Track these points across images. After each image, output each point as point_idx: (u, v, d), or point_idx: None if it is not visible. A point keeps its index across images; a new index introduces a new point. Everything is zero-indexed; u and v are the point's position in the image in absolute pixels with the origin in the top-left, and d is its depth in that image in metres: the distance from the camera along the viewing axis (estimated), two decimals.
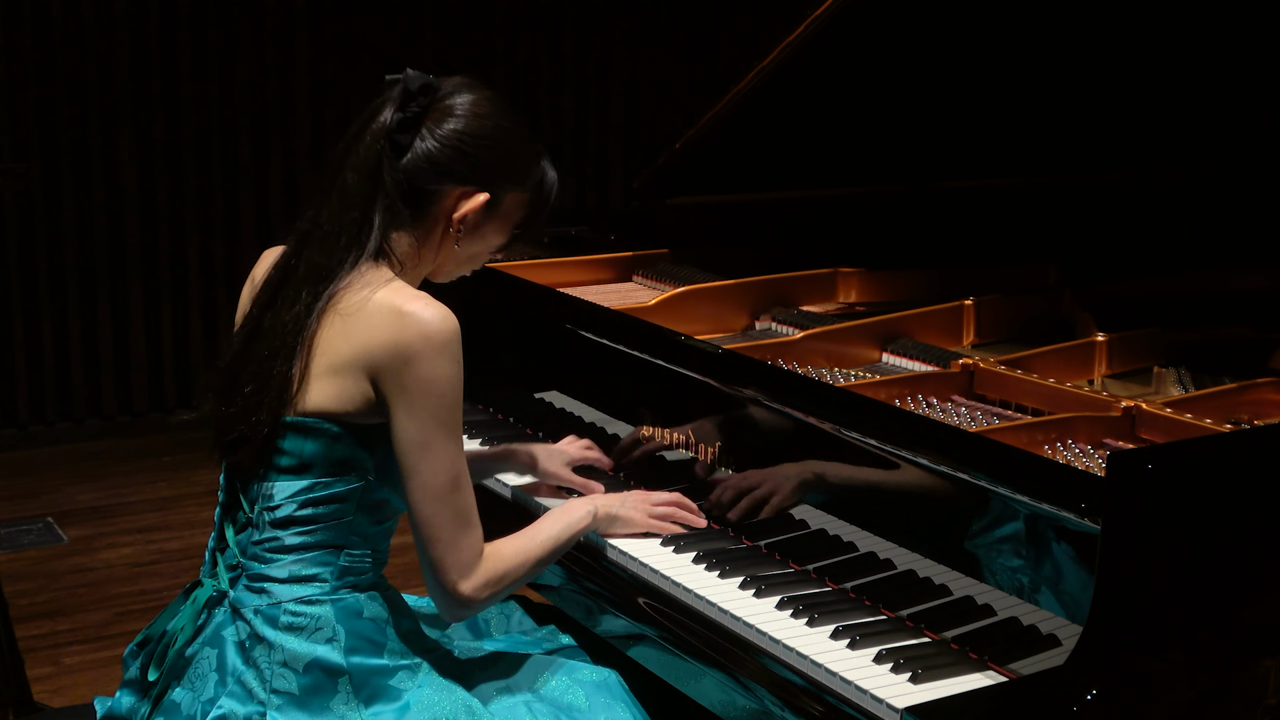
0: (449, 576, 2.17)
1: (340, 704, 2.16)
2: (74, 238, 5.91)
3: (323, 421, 2.18)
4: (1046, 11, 3.01)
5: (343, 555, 2.21)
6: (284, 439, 2.19)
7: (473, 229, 2.28)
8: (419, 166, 2.23)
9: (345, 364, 2.16)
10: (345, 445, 2.19)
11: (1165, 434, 2.35)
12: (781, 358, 2.74)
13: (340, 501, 2.20)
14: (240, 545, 2.25)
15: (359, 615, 2.21)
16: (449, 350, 2.14)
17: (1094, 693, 1.82)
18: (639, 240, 3.45)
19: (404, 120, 2.22)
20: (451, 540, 2.16)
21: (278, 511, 2.20)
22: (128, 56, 5.88)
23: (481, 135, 2.25)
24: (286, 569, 2.20)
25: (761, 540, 2.44)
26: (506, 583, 2.23)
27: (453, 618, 2.25)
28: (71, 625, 4.34)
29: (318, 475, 2.19)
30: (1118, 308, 2.98)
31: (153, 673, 2.25)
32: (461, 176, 2.25)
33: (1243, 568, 1.96)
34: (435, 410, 2.14)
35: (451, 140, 2.23)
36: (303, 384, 2.18)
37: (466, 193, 2.25)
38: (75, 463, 5.77)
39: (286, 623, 2.17)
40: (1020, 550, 2.03)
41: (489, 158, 2.26)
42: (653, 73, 6.92)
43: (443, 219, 2.26)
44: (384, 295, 2.17)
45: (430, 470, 2.14)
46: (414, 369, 2.13)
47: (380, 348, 2.14)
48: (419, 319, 2.13)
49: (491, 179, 2.27)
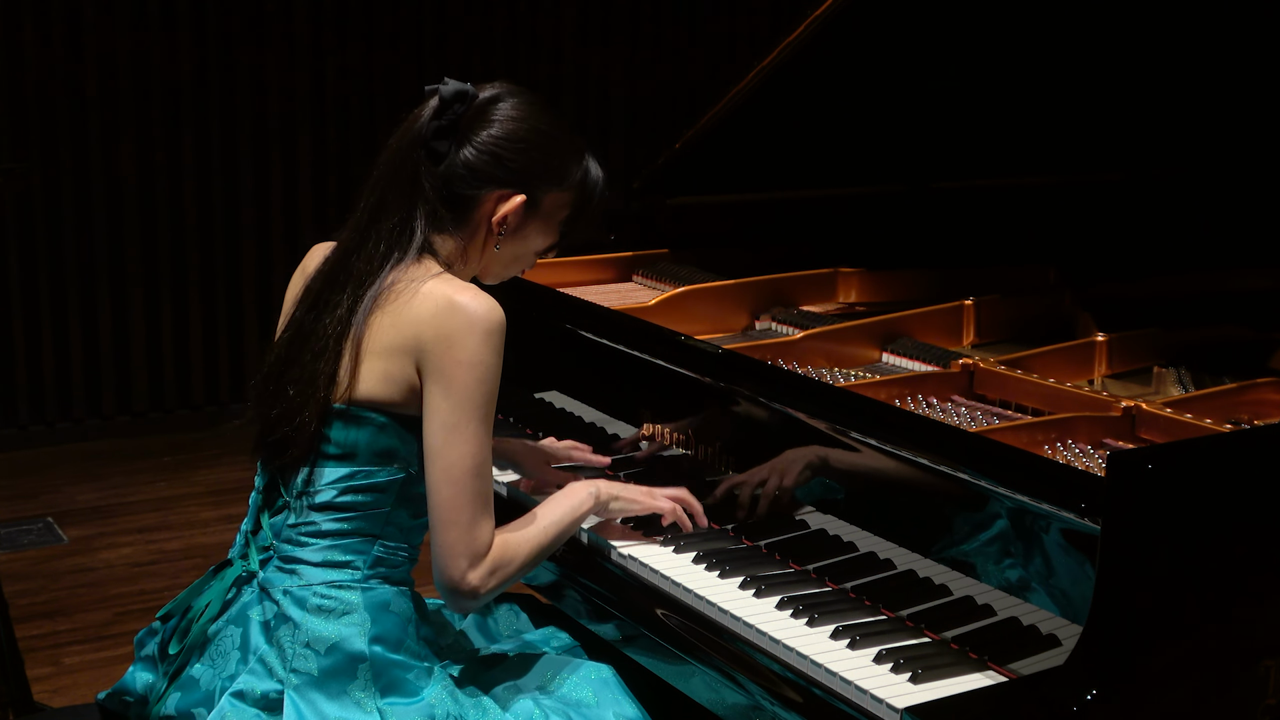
0: (459, 564, 2.17)
1: (358, 690, 2.18)
2: (74, 238, 5.91)
3: (370, 411, 2.20)
4: (1046, 12, 3.01)
5: (377, 545, 2.23)
6: (331, 427, 2.21)
7: (513, 231, 2.32)
8: (456, 173, 2.26)
9: (393, 346, 2.19)
10: (390, 435, 2.21)
11: (1165, 434, 2.35)
12: (781, 358, 2.74)
13: (380, 491, 2.22)
14: (275, 528, 2.27)
15: (386, 608, 2.22)
16: (492, 339, 2.17)
17: (1094, 693, 1.82)
18: (639, 240, 3.45)
19: (440, 128, 2.26)
20: (468, 526, 2.17)
21: (317, 497, 2.22)
22: (128, 56, 5.89)
23: (517, 139, 2.28)
24: (320, 553, 2.22)
25: (761, 540, 2.44)
26: (511, 570, 2.23)
27: (458, 608, 2.25)
28: (71, 625, 4.34)
29: (361, 464, 2.22)
30: (1118, 308, 2.98)
31: (174, 646, 2.27)
32: (499, 180, 2.27)
33: (1243, 568, 1.96)
34: (471, 394, 2.16)
35: (488, 146, 2.26)
36: (354, 372, 2.20)
37: (504, 195, 2.28)
38: (75, 463, 5.78)
39: (315, 604, 2.19)
40: (1020, 550, 2.03)
41: (525, 161, 2.28)
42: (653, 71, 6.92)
43: (483, 223, 2.30)
44: (435, 284, 2.21)
45: (457, 453, 2.16)
46: (455, 352, 2.15)
47: (427, 331, 2.17)
48: (467, 308, 2.17)
49: (529, 181, 2.29)
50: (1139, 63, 3.14)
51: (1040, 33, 3.07)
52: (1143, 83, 3.21)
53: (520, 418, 3.07)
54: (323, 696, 2.16)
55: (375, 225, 2.27)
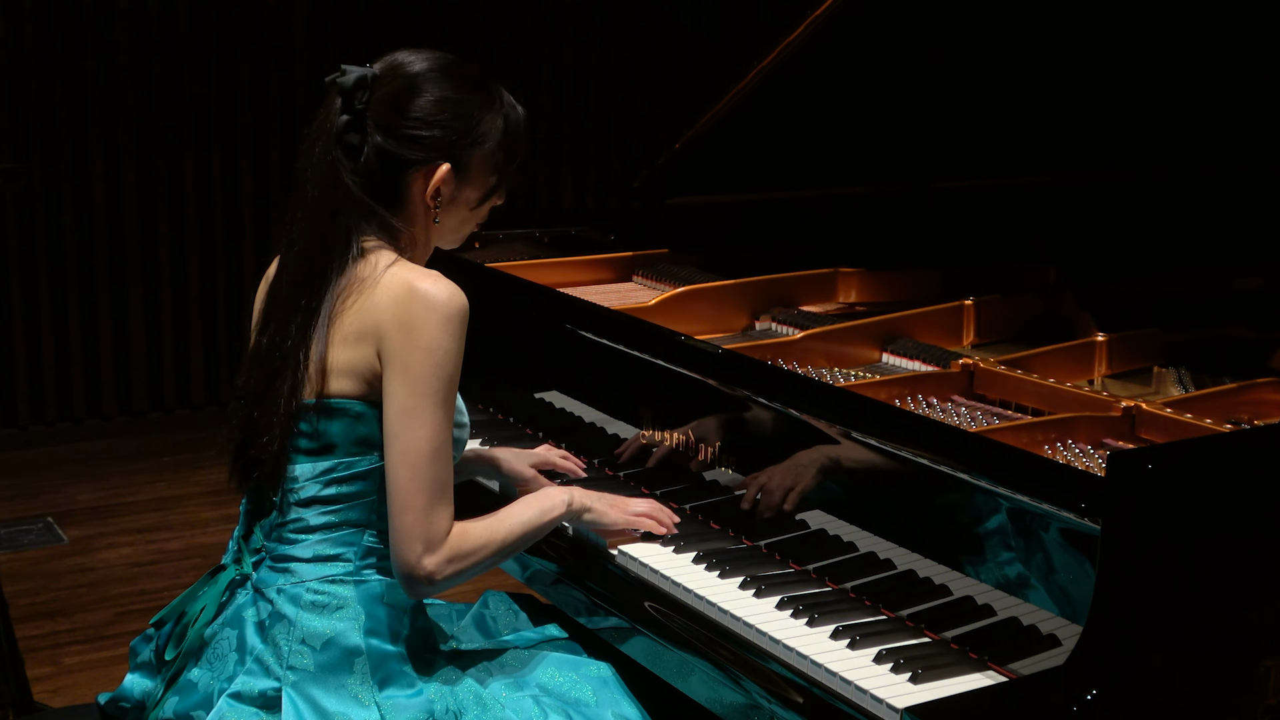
0: (414, 548, 2.15)
1: (355, 683, 2.18)
2: (74, 238, 5.91)
3: (345, 400, 2.19)
4: (1046, 11, 3.01)
5: (366, 535, 2.23)
6: (304, 421, 2.21)
7: (450, 200, 2.28)
8: (375, 163, 2.22)
9: (355, 334, 2.18)
10: (366, 423, 2.20)
11: (1165, 434, 2.35)
12: (781, 358, 2.74)
13: (364, 479, 2.22)
14: (265, 529, 2.27)
15: (380, 600, 2.22)
16: (452, 325, 2.15)
17: (1094, 693, 1.82)
18: (639, 240, 3.45)
19: (349, 121, 2.22)
20: (424, 511, 2.15)
21: (301, 492, 2.22)
22: (128, 56, 5.88)
23: (426, 113, 2.23)
24: (311, 549, 2.22)
25: (761, 540, 2.44)
26: (471, 562, 2.21)
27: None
28: (71, 625, 4.34)
29: (341, 455, 2.21)
30: (1118, 308, 2.98)
31: (170, 652, 2.27)
32: (420, 160, 2.24)
33: (1243, 568, 1.96)
34: (428, 379, 2.14)
35: (399, 129, 2.22)
36: (323, 366, 2.19)
37: (430, 170, 2.25)
38: (75, 463, 5.77)
39: (309, 600, 2.19)
40: (1020, 550, 2.03)
41: (440, 132, 2.24)
42: (653, 72, 6.92)
43: (419, 202, 2.26)
44: (395, 271, 2.19)
45: (414, 436, 2.14)
46: (415, 337, 2.14)
47: (387, 313, 2.16)
48: (427, 294, 2.15)
49: (449, 149, 2.25)
50: (1139, 62, 3.14)
51: (1040, 32, 3.07)
52: (1142, 83, 3.21)
53: (520, 418, 3.07)
54: (320, 692, 2.16)
55: (306, 234, 2.23)
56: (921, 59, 3.14)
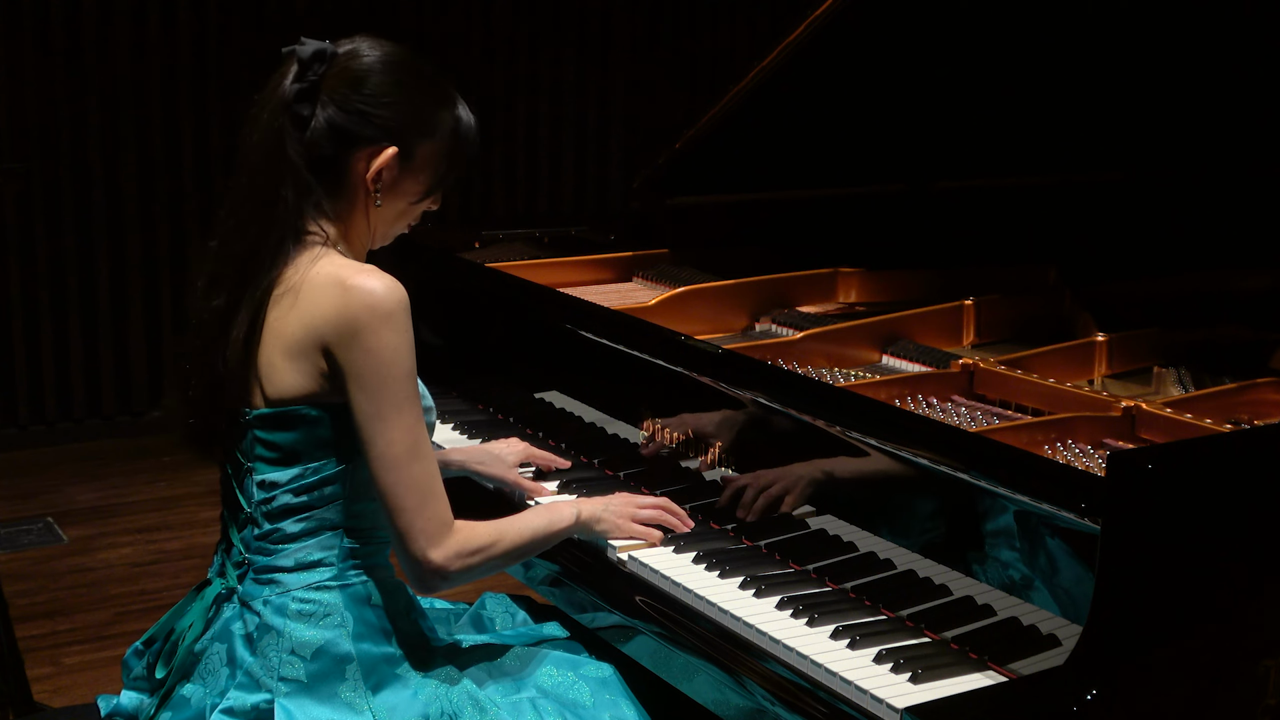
0: (417, 544, 2.14)
1: (348, 691, 2.17)
2: (73, 238, 5.91)
3: (296, 406, 2.17)
4: (1046, 11, 3.01)
5: (345, 538, 2.22)
6: (262, 430, 2.19)
7: (390, 187, 2.24)
8: (323, 136, 2.19)
9: (298, 344, 2.15)
10: (324, 427, 2.18)
11: (1165, 434, 2.35)
12: (781, 358, 2.74)
13: (333, 483, 2.20)
14: (244, 542, 2.25)
15: (367, 602, 2.21)
16: (395, 320, 2.12)
17: (1094, 693, 1.82)
18: (639, 240, 3.45)
19: (301, 90, 2.19)
20: (416, 509, 2.14)
21: (273, 503, 2.20)
22: (128, 56, 5.88)
23: (382, 93, 2.21)
24: (292, 557, 2.20)
25: (761, 540, 2.44)
26: (481, 558, 2.20)
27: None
28: (71, 625, 4.34)
29: (306, 461, 2.19)
30: (1118, 308, 2.98)
31: (160, 670, 2.26)
32: (368, 139, 2.20)
33: (1242, 568, 1.96)
34: (385, 381, 2.12)
35: (352, 104, 2.20)
36: (269, 373, 2.17)
37: (375, 151, 2.21)
38: (75, 463, 5.77)
39: (296, 610, 2.18)
40: (1020, 550, 2.03)
41: (392, 113, 2.21)
42: (653, 72, 6.92)
43: (360, 184, 2.22)
44: (326, 268, 2.15)
45: (385, 440, 2.12)
46: (361, 341, 2.11)
47: (326, 322, 2.12)
48: (363, 290, 2.11)
49: (399, 134, 2.22)
50: (1139, 63, 3.14)
51: (1040, 32, 3.07)
52: (1143, 83, 3.21)
53: (520, 418, 3.07)
54: (313, 702, 2.15)
55: (246, 203, 2.21)
56: (921, 59, 3.14)
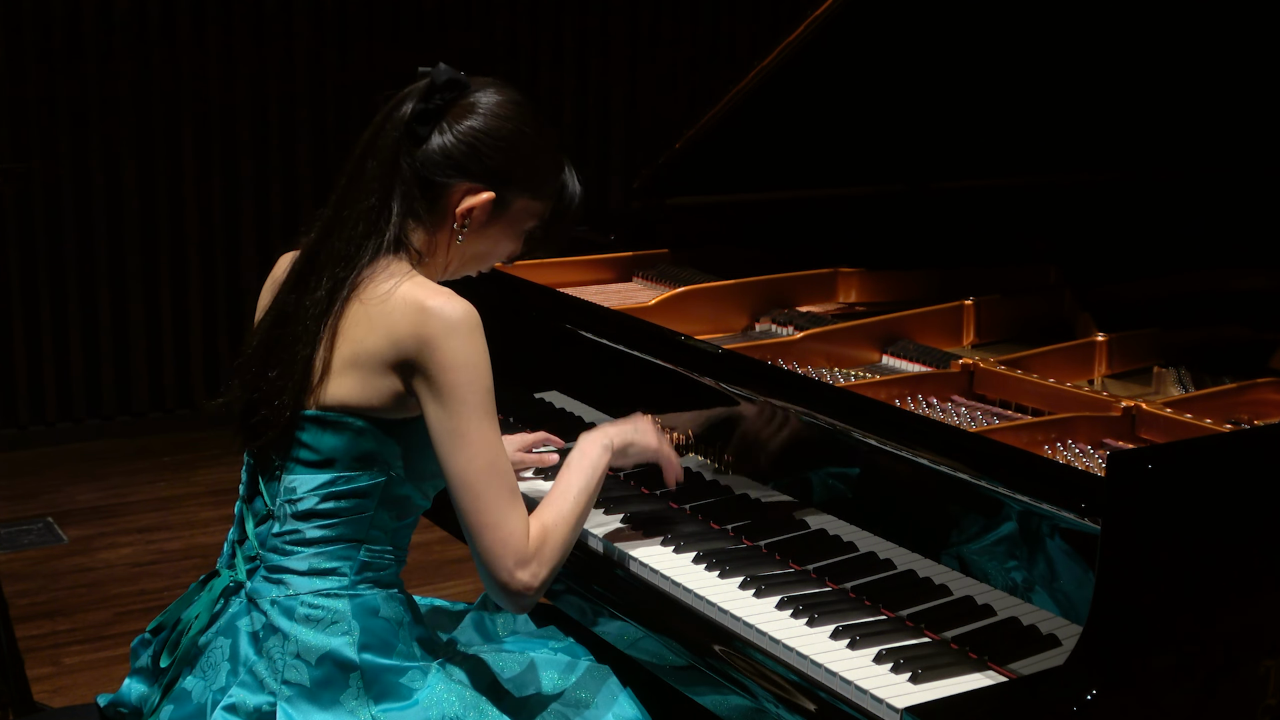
0: (505, 564, 2.14)
1: (351, 699, 2.17)
2: (74, 238, 5.91)
3: (346, 416, 2.18)
4: (1046, 11, 3.01)
5: (363, 550, 2.22)
6: (305, 432, 2.20)
7: (477, 227, 2.28)
8: (432, 158, 2.24)
9: (370, 357, 2.17)
10: (370, 439, 2.19)
11: (1165, 434, 2.35)
12: (781, 358, 2.74)
13: (363, 496, 2.20)
14: (260, 537, 2.25)
15: (375, 614, 2.21)
16: (474, 338, 2.15)
17: (1094, 693, 1.82)
18: (639, 240, 3.45)
19: (424, 112, 2.24)
20: (499, 525, 2.13)
21: (300, 504, 2.20)
22: (128, 56, 5.89)
23: (499, 137, 2.25)
24: (306, 561, 2.20)
25: (761, 540, 2.44)
26: (559, 555, 2.20)
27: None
28: (71, 625, 4.34)
29: (341, 469, 2.20)
30: (1118, 308, 2.97)
31: (165, 659, 2.26)
32: (472, 174, 2.25)
33: (1242, 568, 1.96)
34: (464, 396, 2.13)
35: (467, 136, 2.24)
36: (325, 375, 2.19)
37: (473, 189, 2.25)
38: (75, 463, 5.78)
39: (303, 614, 2.18)
40: (1020, 550, 2.03)
41: (502, 160, 2.26)
42: (653, 72, 6.92)
43: (450, 213, 2.27)
44: (408, 289, 2.18)
45: (465, 456, 2.13)
46: (439, 358, 2.13)
47: (405, 340, 2.15)
48: (441, 312, 2.14)
49: (501, 181, 2.26)
50: (1139, 62, 3.14)
51: (1040, 32, 3.07)
52: (1143, 82, 3.21)
53: (520, 418, 3.07)
54: (315, 708, 2.15)
55: (353, 203, 2.24)
56: (921, 58, 3.14)
